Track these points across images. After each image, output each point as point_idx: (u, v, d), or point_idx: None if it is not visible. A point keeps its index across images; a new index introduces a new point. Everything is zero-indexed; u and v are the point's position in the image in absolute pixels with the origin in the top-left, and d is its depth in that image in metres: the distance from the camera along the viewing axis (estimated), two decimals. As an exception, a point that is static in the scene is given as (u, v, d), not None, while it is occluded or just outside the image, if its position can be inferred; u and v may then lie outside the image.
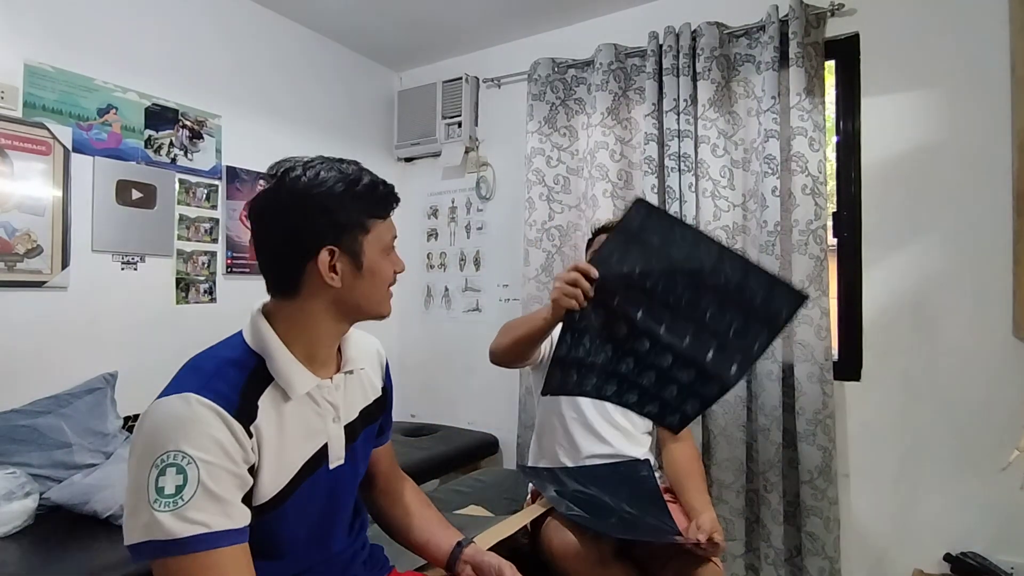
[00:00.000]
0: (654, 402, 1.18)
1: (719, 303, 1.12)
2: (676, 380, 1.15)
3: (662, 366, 1.15)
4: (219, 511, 0.72)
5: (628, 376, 1.18)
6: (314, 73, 2.73)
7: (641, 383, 1.17)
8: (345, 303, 0.88)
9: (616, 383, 1.19)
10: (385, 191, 0.90)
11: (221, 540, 0.72)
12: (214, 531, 0.71)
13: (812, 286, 1.98)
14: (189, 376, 0.78)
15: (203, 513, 0.70)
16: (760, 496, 2.08)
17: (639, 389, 1.18)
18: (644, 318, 1.14)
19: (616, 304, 1.15)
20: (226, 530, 0.72)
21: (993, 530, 1.81)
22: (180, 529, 0.69)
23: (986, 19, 1.81)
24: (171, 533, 0.69)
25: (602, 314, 1.16)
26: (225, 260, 2.33)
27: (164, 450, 0.71)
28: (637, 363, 1.17)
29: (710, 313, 1.12)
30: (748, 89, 2.17)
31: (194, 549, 0.70)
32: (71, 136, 1.89)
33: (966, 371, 1.85)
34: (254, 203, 0.86)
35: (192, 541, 0.69)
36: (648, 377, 1.17)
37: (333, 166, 0.86)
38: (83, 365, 1.89)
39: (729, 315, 1.11)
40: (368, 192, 0.87)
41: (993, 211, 1.80)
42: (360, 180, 0.87)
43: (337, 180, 0.85)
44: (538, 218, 2.51)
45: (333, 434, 0.91)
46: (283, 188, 0.84)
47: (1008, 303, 1.78)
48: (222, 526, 0.72)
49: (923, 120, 1.93)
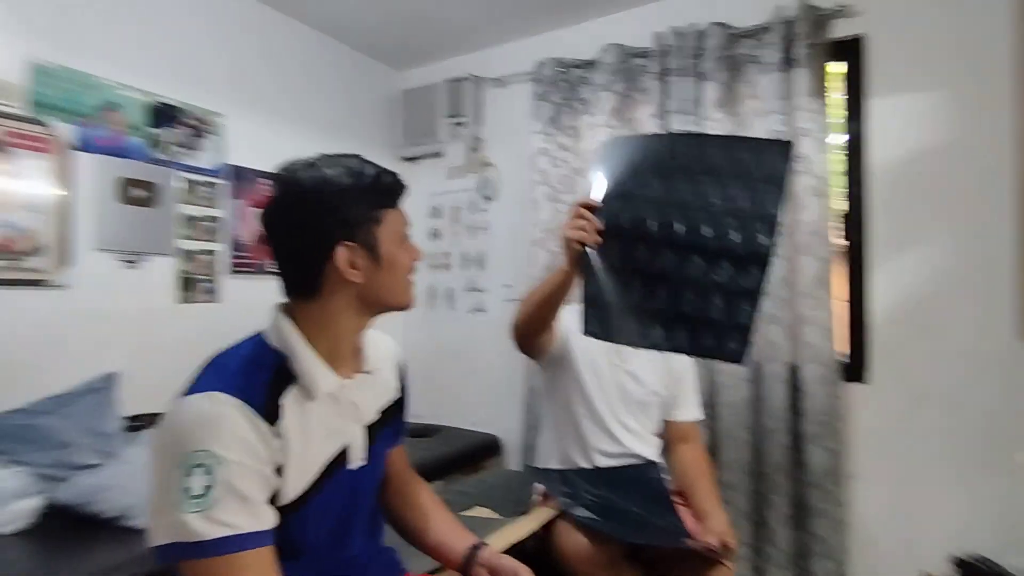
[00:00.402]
0: (705, 331, 1.10)
1: (720, 185, 1.10)
2: (715, 285, 1.09)
3: (696, 276, 1.10)
4: (247, 512, 0.71)
5: (668, 310, 1.11)
6: (317, 72, 2.72)
7: (683, 310, 1.10)
8: (367, 297, 0.87)
9: (660, 324, 1.11)
10: (390, 180, 0.89)
11: (248, 542, 0.71)
12: (242, 533, 0.70)
13: (819, 287, 1.98)
14: (213, 375, 0.77)
15: (231, 514, 0.69)
16: (766, 498, 2.08)
17: (685, 322, 1.10)
18: (659, 226, 1.11)
19: (628, 225, 1.12)
20: (254, 532, 0.71)
21: (1001, 533, 1.80)
22: (207, 531, 0.68)
23: (991, 22, 1.81)
24: (198, 535, 0.68)
25: (617, 246, 1.13)
26: (228, 259, 2.31)
27: (191, 450, 0.69)
28: (670, 287, 1.11)
29: (716, 197, 1.10)
30: (753, 90, 2.16)
31: (221, 551, 0.69)
32: (73, 134, 1.88)
33: (972, 373, 1.85)
34: (264, 210, 0.86)
35: (219, 543, 0.68)
36: (687, 299, 1.10)
37: (336, 162, 0.86)
38: (84, 365, 1.87)
39: (733, 191, 1.10)
40: (373, 183, 0.87)
41: (999, 213, 1.80)
42: (363, 172, 0.86)
43: (342, 176, 0.84)
44: (543, 218, 2.51)
45: (354, 434, 0.90)
46: (290, 192, 0.84)
47: (1014, 305, 1.78)
48: (250, 528, 0.71)
49: (929, 122, 1.93)
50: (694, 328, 1.10)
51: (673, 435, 1.61)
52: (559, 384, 1.55)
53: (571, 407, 1.54)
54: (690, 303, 1.10)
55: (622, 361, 1.55)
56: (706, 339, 1.10)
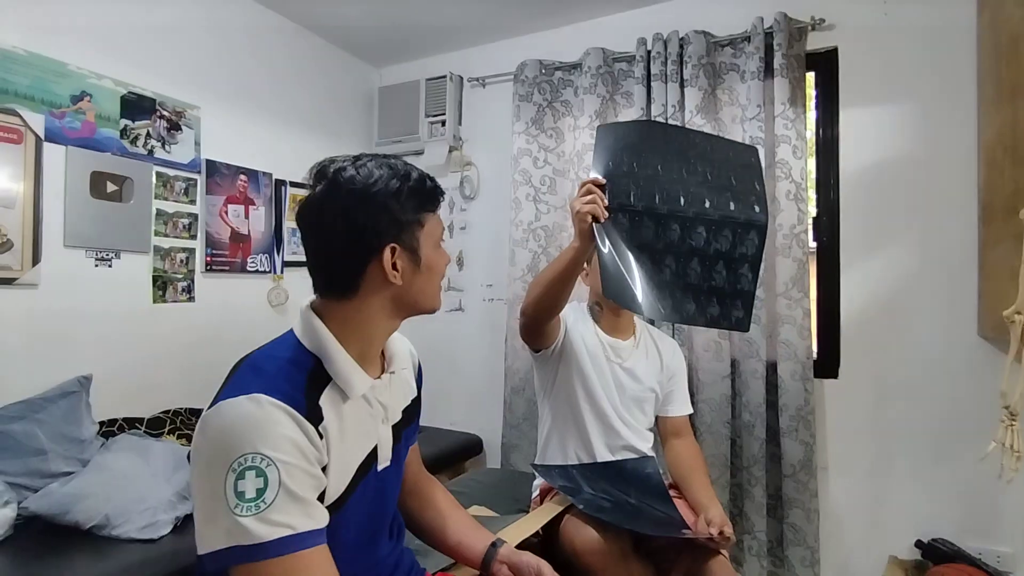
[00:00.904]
0: (711, 300, 1.19)
1: (711, 163, 1.23)
2: (718, 252, 1.19)
3: (699, 245, 1.19)
4: (301, 512, 0.70)
5: (675, 282, 1.18)
6: (295, 66, 2.65)
7: (690, 281, 1.19)
8: (403, 300, 0.87)
9: (669, 295, 1.17)
10: (433, 184, 0.90)
11: (307, 541, 0.70)
12: (299, 532, 0.70)
13: (795, 288, 2.07)
14: (252, 377, 0.75)
15: (286, 515, 0.69)
16: (744, 490, 2.16)
17: (692, 292, 1.18)
18: (660, 201, 1.20)
19: (633, 201, 1.19)
20: (311, 531, 0.71)
21: (961, 517, 1.93)
22: (266, 532, 0.67)
23: (957, 38, 1.94)
24: (257, 537, 0.67)
25: (625, 221, 1.19)
26: (204, 257, 2.23)
27: (240, 453, 0.68)
28: (677, 258, 1.19)
29: (710, 174, 1.22)
30: (733, 97, 2.24)
31: (281, 552, 0.68)
32: (43, 124, 1.78)
33: (936, 368, 1.98)
34: (308, 205, 0.84)
35: (279, 544, 0.68)
36: (693, 268, 1.19)
37: (382, 163, 0.86)
38: (56, 367, 1.78)
39: (723, 170, 1.23)
40: (419, 186, 0.87)
41: (961, 219, 1.93)
42: (411, 175, 0.86)
43: (391, 177, 0.84)
44: (524, 218, 2.52)
45: (383, 435, 0.89)
46: (340, 188, 0.82)
47: (974, 305, 1.91)
48: (306, 527, 0.71)
49: (898, 132, 2.04)
50: (701, 298, 1.19)
51: (667, 430, 1.66)
52: (560, 379, 1.57)
53: (573, 401, 1.56)
54: (696, 273, 1.19)
55: (619, 359, 1.58)
56: (712, 308, 1.19)
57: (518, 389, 2.50)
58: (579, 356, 1.54)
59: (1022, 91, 1.51)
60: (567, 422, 1.57)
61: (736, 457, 2.19)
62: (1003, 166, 1.69)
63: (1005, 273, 1.60)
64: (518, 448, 2.48)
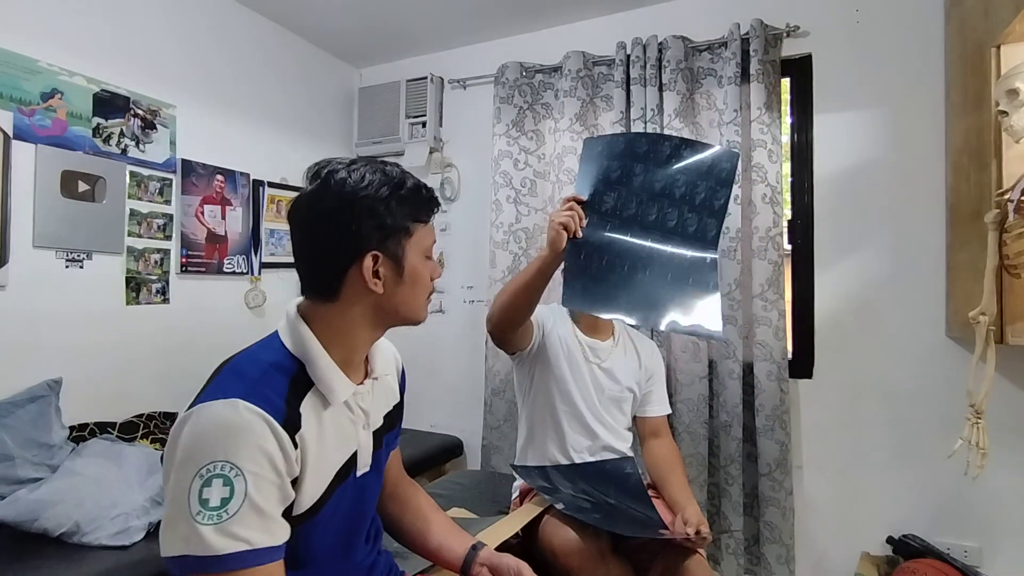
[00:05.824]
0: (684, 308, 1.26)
1: (685, 175, 1.29)
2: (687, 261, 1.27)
3: (671, 254, 1.27)
4: (262, 527, 0.69)
5: (650, 291, 1.26)
6: (274, 66, 2.63)
7: (663, 290, 1.26)
8: (384, 309, 0.86)
9: (643, 305, 1.25)
10: (428, 195, 0.89)
11: (263, 557, 0.69)
12: (256, 548, 0.68)
13: (771, 289, 2.10)
14: (233, 380, 0.74)
15: (247, 529, 0.68)
16: (721, 489, 2.18)
17: (665, 302, 1.26)
18: (639, 214, 1.28)
19: (612, 209, 1.28)
20: (267, 547, 0.70)
21: (931, 514, 1.98)
22: (222, 545, 0.66)
23: (927, 46, 1.99)
24: (212, 549, 0.65)
25: (602, 231, 1.28)
26: (179, 258, 2.20)
27: (210, 460, 0.67)
28: (651, 269, 1.27)
29: (683, 193, 1.29)
30: (710, 102, 2.27)
31: (234, 567, 0.67)
32: (12, 122, 1.74)
33: (905, 368, 2.02)
34: (297, 204, 0.83)
35: (233, 558, 0.66)
36: (666, 278, 1.27)
37: (377, 168, 0.85)
38: (24, 371, 1.73)
39: (693, 184, 1.29)
40: (413, 195, 0.86)
41: (931, 223, 1.98)
42: (405, 183, 0.85)
43: (383, 183, 0.83)
44: (505, 220, 2.53)
45: (363, 441, 0.89)
46: (329, 189, 0.81)
47: (942, 306, 1.96)
48: (264, 543, 0.69)
49: (869, 137, 2.09)
50: (674, 307, 1.26)
51: (645, 430, 1.67)
52: (537, 381, 1.58)
53: (550, 403, 1.57)
54: (668, 283, 1.26)
55: (598, 359, 1.60)
56: (684, 317, 1.26)
57: (498, 391, 2.50)
58: (556, 358, 1.55)
59: (986, 98, 1.56)
60: (545, 423, 1.58)
61: (713, 456, 2.22)
62: (968, 171, 1.74)
63: (971, 275, 1.65)
64: (498, 450, 2.48)
